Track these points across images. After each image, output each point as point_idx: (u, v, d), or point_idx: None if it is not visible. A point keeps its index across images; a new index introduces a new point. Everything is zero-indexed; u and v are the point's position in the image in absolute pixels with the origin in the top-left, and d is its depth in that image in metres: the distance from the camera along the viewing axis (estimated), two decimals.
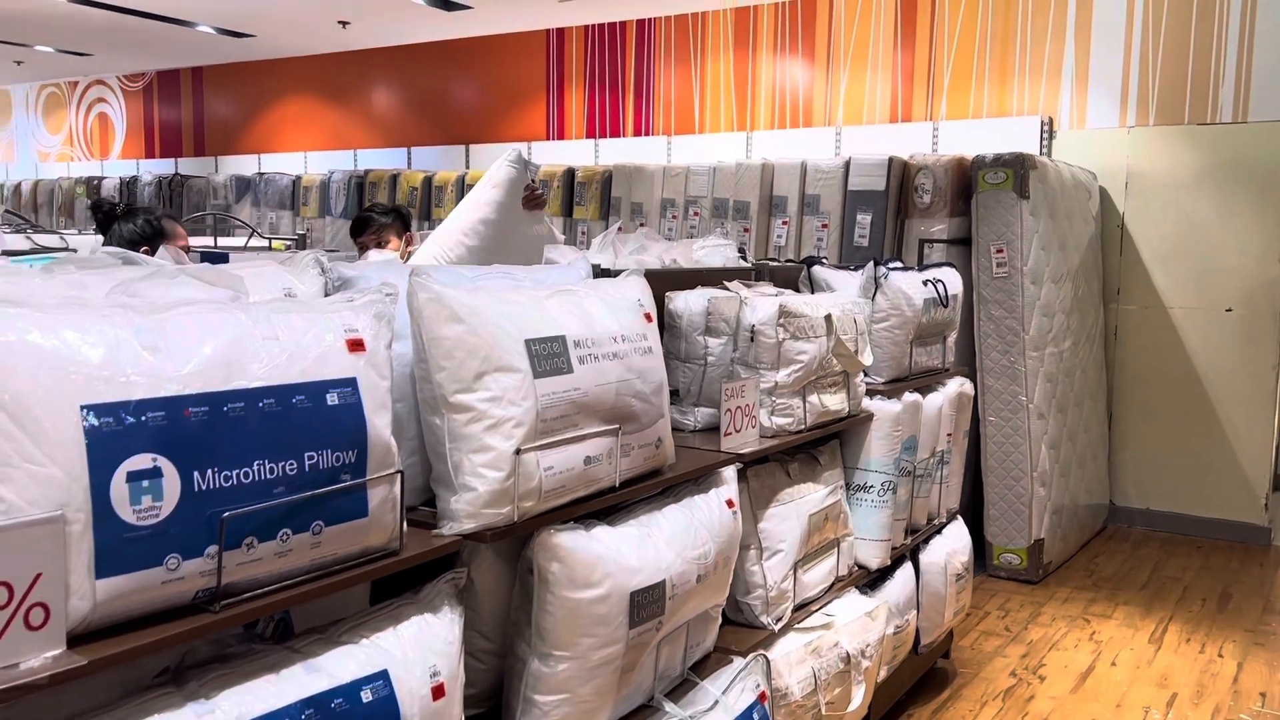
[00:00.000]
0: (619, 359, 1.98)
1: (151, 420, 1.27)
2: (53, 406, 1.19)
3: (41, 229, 4.21)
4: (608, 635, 1.91)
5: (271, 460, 1.39)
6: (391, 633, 1.60)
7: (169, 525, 1.27)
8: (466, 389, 1.73)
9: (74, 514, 1.19)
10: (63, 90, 12.02)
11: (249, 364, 1.39)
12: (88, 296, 1.35)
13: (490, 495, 1.72)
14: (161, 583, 1.27)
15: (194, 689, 1.36)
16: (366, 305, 1.60)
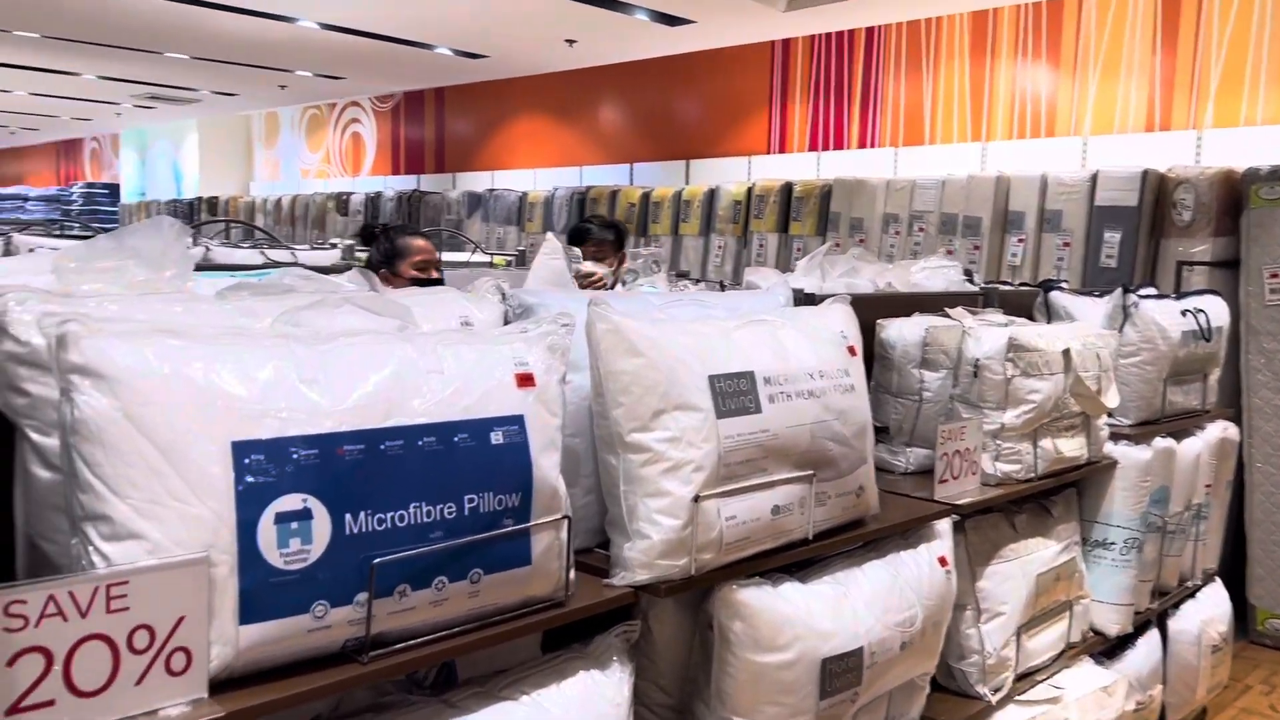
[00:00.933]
0: (816, 398, 1.79)
1: (304, 459, 1.21)
2: (204, 443, 1.15)
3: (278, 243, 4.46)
4: (795, 705, 1.73)
5: (429, 502, 1.30)
6: (555, 690, 1.48)
7: (317, 570, 1.20)
8: (644, 428, 1.59)
9: (220, 556, 1.14)
10: (322, 111, 12.96)
11: (410, 399, 1.31)
12: (254, 325, 1.31)
13: (666, 545, 1.58)
14: (308, 630, 1.20)
15: None
16: (540, 337, 1.49)
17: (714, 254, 6.63)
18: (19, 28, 8.45)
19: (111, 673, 1.08)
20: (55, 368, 1.12)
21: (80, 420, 1.11)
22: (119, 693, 1.08)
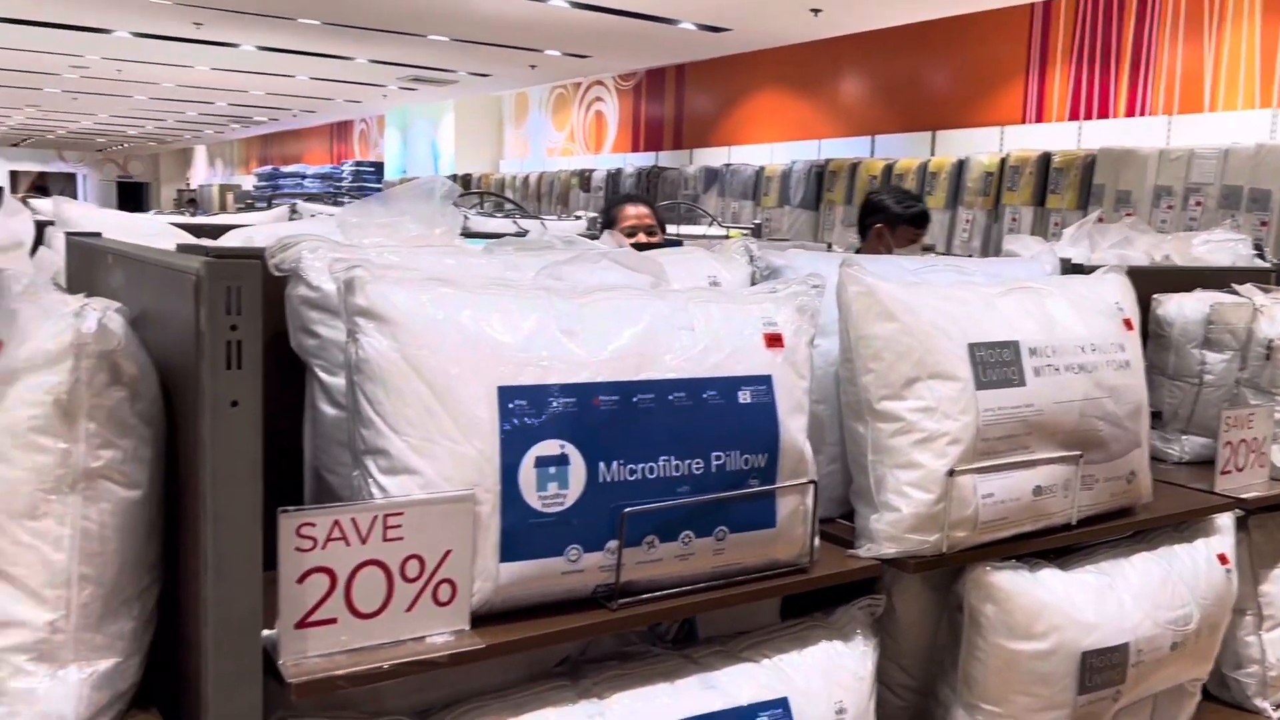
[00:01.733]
0: (1086, 373, 1.66)
1: (563, 407, 1.24)
2: (473, 386, 1.20)
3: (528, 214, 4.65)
4: (1049, 698, 1.62)
5: (678, 457, 1.30)
6: (796, 656, 1.46)
7: (572, 515, 1.23)
8: (895, 396, 1.53)
9: (484, 494, 1.19)
10: (568, 91, 13.39)
11: (662, 354, 1.32)
12: (518, 278, 1.36)
13: (915, 519, 1.52)
14: (561, 573, 1.24)
15: (588, 686, 1.32)
16: (789, 297, 1.46)
17: (961, 228, 6.34)
18: (304, 15, 9.21)
19: (386, 598, 1.15)
20: (343, 311, 1.20)
21: (364, 360, 1.18)
22: (391, 618, 1.15)
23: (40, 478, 1.00)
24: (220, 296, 0.99)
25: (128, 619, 1.07)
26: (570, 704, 1.28)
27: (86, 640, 1.04)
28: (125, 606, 1.07)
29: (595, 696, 1.30)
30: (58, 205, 2.17)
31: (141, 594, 1.09)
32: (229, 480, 1.01)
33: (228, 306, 0.99)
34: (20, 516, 1.00)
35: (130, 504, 1.05)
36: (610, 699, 1.30)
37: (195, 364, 1.01)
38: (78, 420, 1.00)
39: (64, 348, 0.99)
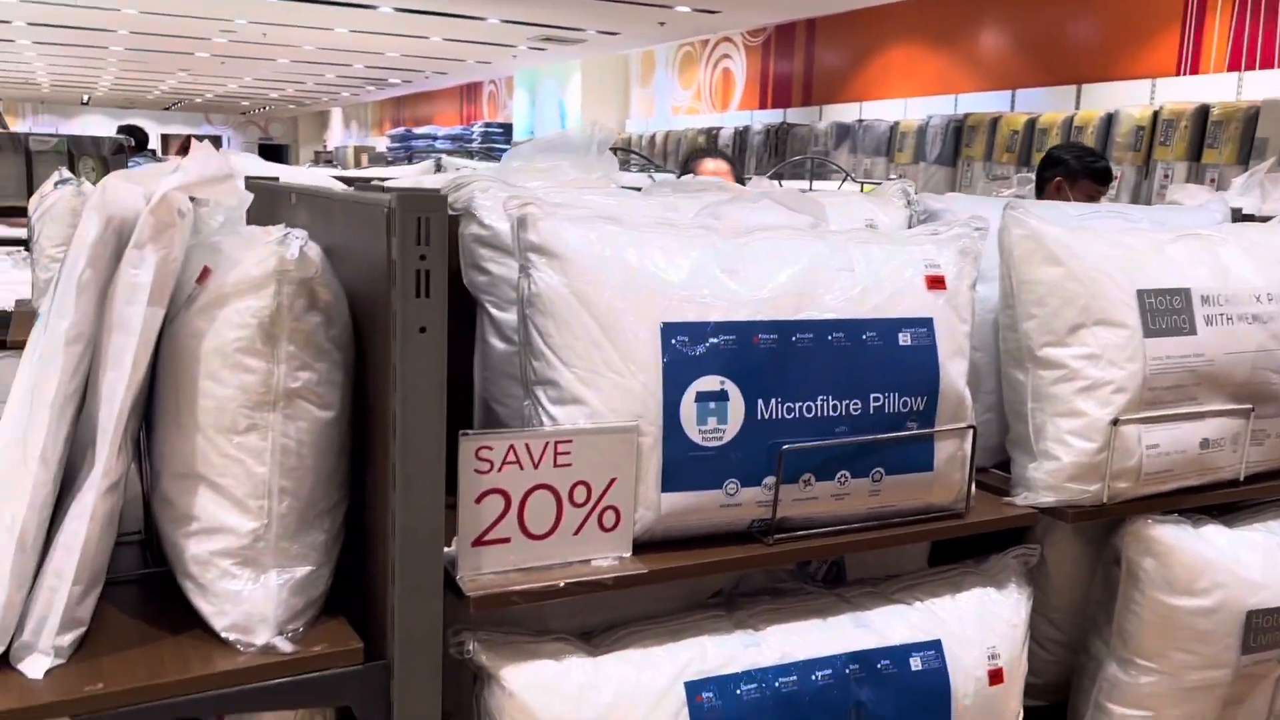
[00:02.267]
0: (1261, 323, 1.59)
1: (724, 343, 1.26)
2: (637, 321, 1.23)
3: (662, 168, 4.66)
4: (1210, 656, 1.58)
5: (835, 397, 1.31)
6: (949, 600, 1.46)
7: (730, 450, 1.26)
8: (1058, 342, 1.50)
9: (647, 426, 1.22)
10: (695, 49, 13.28)
11: (821, 294, 1.32)
12: (677, 218, 1.38)
13: (1076, 468, 1.49)
14: (720, 505, 1.26)
15: (743, 617, 1.35)
16: (951, 240, 1.44)
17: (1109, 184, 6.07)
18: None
19: (555, 521, 1.20)
20: (515, 247, 1.24)
21: (535, 294, 1.22)
22: (560, 540, 1.20)
23: (246, 395, 1.07)
24: (411, 228, 1.04)
25: (320, 531, 1.15)
26: (726, 633, 1.31)
27: (284, 549, 1.11)
28: (318, 520, 1.14)
29: (750, 628, 1.33)
30: (227, 157, 2.28)
31: (332, 509, 1.16)
32: (416, 402, 1.07)
33: (418, 237, 1.04)
34: (228, 431, 1.08)
35: (324, 424, 1.12)
36: (765, 630, 1.33)
37: (385, 292, 1.07)
38: (279, 343, 1.07)
39: (268, 273, 1.05)
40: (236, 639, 1.10)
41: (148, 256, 1.00)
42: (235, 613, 1.10)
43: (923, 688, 1.36)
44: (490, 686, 1.19)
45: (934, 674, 1.38)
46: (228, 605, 1.10)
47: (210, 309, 1.07)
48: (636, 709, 1.21)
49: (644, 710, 1.21)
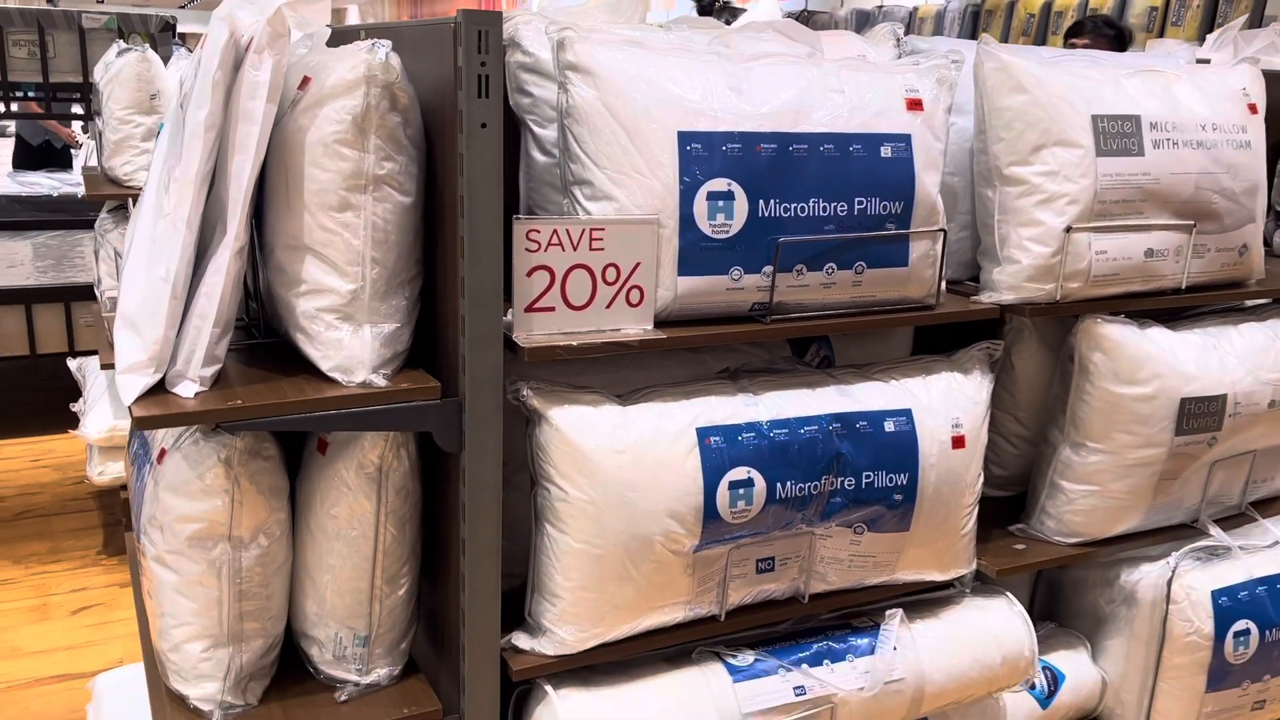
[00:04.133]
0: (1204, 149, 1.82)
1: (730, 151, 1.50)
2: (657, 130, 1.47)
3: None
4: (1148, 436, 1.85)
5: (825, 200, 1.55)
6: (920, 381, 1.72)
7: (735, 242, 1.51)
8: (1022, 161, 1.73)
9: (666, 219, 1.47)
10: None
11: (814, 111, 1.56)
12: (693, 46, 1.60)
13: (1034, 270, 1.74)
14: (725, 289, 1.52)
15: (745, 384, 1.62)
16: (930, 70, 1.67)
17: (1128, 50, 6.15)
18: None
19: (590, 295, 1.46)
20: (555, 65, 1.48)
21: (572, 106, 1.46)
22: (595, 311, 1.47)
23: (343, 179, 1.33)
24: (474, 39, 1.28)
25: (402, 297, 1.42)
26: (731, 395, 1.58)
27: (375, 308, 1.38)
28: (401, 288, 1.41)
29: (750, 392, 1.60)
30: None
31: (411, 280, 1.43)
32: (480, 184, 1.32)
33: (479, 47, 1.28)
34: (330, 209, 1.34)
35: (405, 207, 1.38)
36: (763, 395, 1.60)
37: (452, 95, 1.31)
38: (368, 136, 1.32)
39: (359, 77, 1.30)
40: (339, 377, 1.38)
41: (266, 60, 1.25)
42: (338, 356, 1.38)
43: (894, 444, 1.64)
44: (540, 424, 1.47)
45: (904, 435, 1.65)
46: (331, 351, 1.38)
47: (312, 108, 1.32)
48: (657, 445, 1.49)
49: (664, 446, 1.49)
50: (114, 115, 3.02)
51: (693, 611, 1.61)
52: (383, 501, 1.46)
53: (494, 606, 1.48)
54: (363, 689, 1.52)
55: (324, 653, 1.52)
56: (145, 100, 3.02)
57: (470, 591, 1.46)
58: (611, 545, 1.49)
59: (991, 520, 1.99)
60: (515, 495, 1.55)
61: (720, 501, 1.52)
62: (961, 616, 1.82)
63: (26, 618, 3.00)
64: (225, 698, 1.45)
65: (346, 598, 1.48)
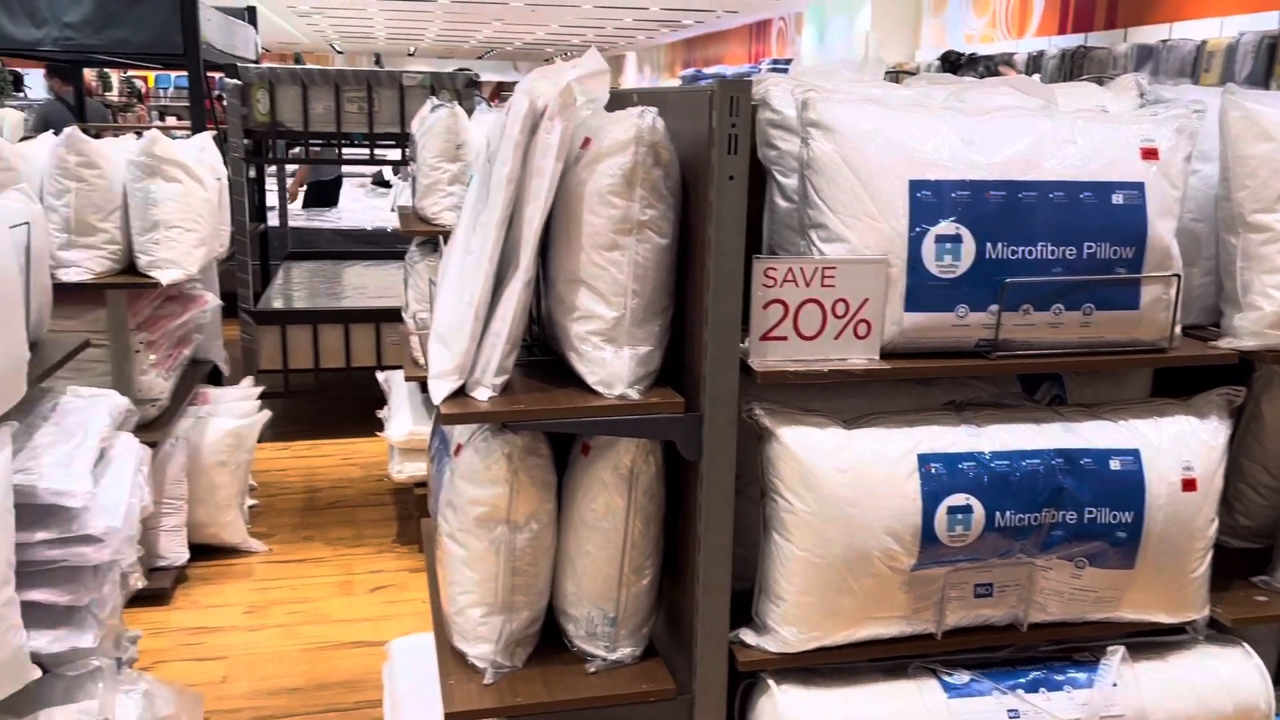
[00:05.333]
0: None
1: (959, 197, 1.62)
2: (890, 179, 1.62)
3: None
4: None
5: (1053, 244, 1.64)
6: (1151, 423, 1.75)
7: (962, 281, 1.63)
8: (1267, 209, 1.73)
9: (894, 260, 1.62)
10: None
11: (1045, 161, 1.65)
12: (929, 102, 1.74)
13: (1277, 316, 1.72)
14: (951, 325, 1.64)
15: (969, 416, 1.73)
16: (1170, 119, 1.71)
17: None
18: None
19: (820, 327, 1.63)
20: (799, 122, 1.66)
21: (812, 158, 1.64)
22: (824, 342, 1.63)
23: (613, 223, 1.57)
24: (726, 104, 1.49)
25: (656, 324, 1.65)
26: (953, 425, 1.69)
27: (633, 333, 1.62)
28: (655, 316, 1.64)
29: (974, 424, 1.70)
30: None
31: (664, 310, 1.66)
32: (726, 230, 1.53)
33: (730, 110, 1.49)
34: (601, 248, 1.59)
35: (662, 248, 1.61)
36: (986, 427, 1.70)
37: (706, 152, 1.53)
38: (635, 187, 1.56)
39: (630, 138, 1.54)
40: (602, 390, 1.62)
41: (556, 125, 1.52)
42: (602, 372, 1.62)
43: (1119, 482, 1.68)
44: (771, 441, 1.65)
45: (1131, 474, 1.69)
46: (596, 367, 1.62)
47: (591, 164, 1.58)
48: (878, 467, 1.63)
49: (884, 468, 1.63)
50: (426, 163, 3.50)
51: (910, 627, 1.72)
52: (632, 499, 1.68)
53: (724, 602, 1.66)
54: (609, 664, 1.75)
55: (578, 629, 1.76)
56: (452, 150, 3.48)
57: (704, 586, 1.65)
58: (832, 556, 1.64)
59: (1235, 571, 1.96)
60: (746, 504, 1.73)
61: (938, 525, 1.63)
62: (1191, 662, 1.81)
63: (334, 591, 3.50)
64: (497, 658, 1.72)
65: (599, 581, 1.72)
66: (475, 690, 1.68)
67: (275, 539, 3.86)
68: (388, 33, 22.47)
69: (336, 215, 7.71)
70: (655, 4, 16.37)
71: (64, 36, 4.24)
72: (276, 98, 4.64)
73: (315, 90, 4.67)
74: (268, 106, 4.63)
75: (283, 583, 3.54)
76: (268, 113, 4.67)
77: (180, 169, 3.09)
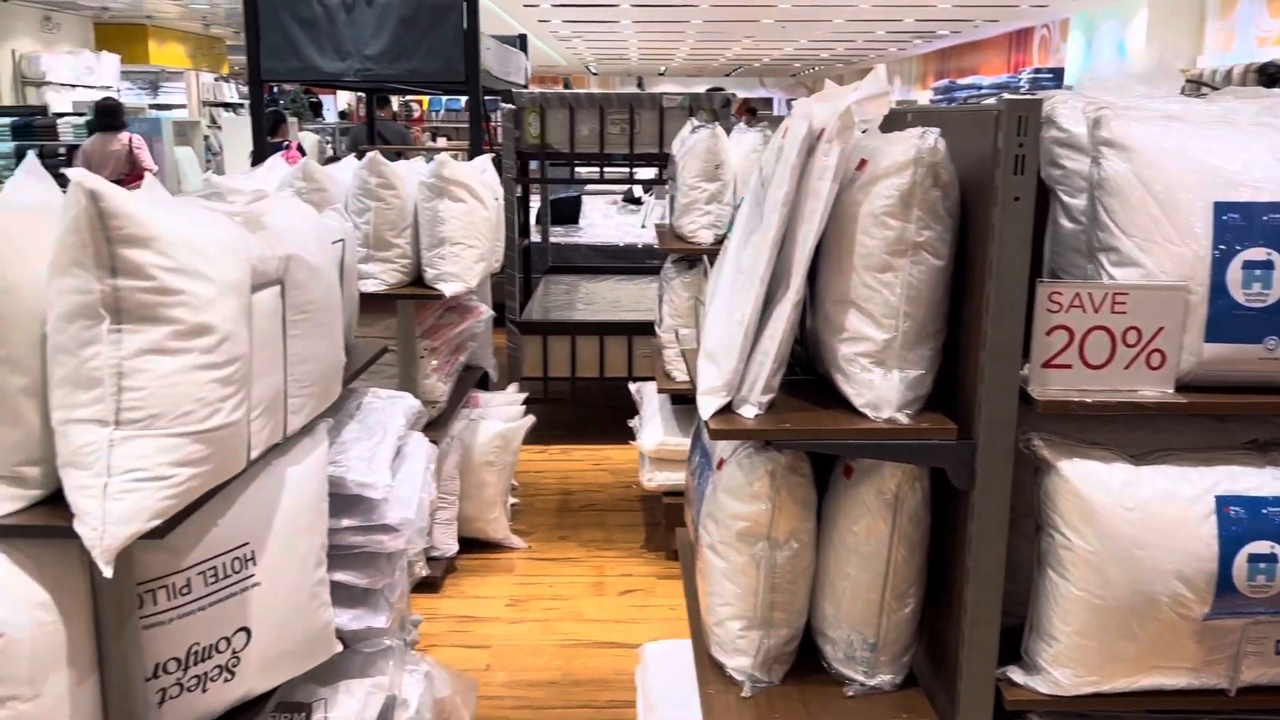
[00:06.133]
0: None
1: (1271, 221, 1.50)
2: (1191, 200, 1.52)
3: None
4: None
5: None
6: None
7: (1273, 311, 1.50)
8: None
9: (1195, 287, 1.51)
10: None
11: None
12: (1236, 118, 1.62)
13: None
14: (1258, 358, 1.51)
15: (1276, 458, 1.58)
16: None
17: None
18: None
19: (1109, 356, 1.54)
20: (1089, 142, 1.59)
21: (1104, 178, 1.56)
22: (1112, 372, 1.55)
23: (887, 245, 1.57)
24: (1014, 124, 1.45)
25: (927, 349, 1.62)
26: (1258, 467, 1.56)
27: (904, 355, 1.60)
28: (926, 340, 1.62)
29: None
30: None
31: (937, 333, 1.63)
32: (1009, 252, 1.49)
33: (1018, 130, 1.45)
34: (873, 270, 1.58)
35: (937, 270, 1.59)
36: None
37: (989, 172, 1.49)
38: (912, 209, 1.55)
39: (909, 159, 1.53)
40: (869, 412, 1.61)
41: (834, 148, 1.54)
42: (869, 395, 1.61)
43: None
44: (1049, 474, 1.58)
45: None
46: (864, 389, 1.62)
47: (866, 186, 1.58)
48: (1170, 507, 1.52)
49: (1176, 509, 1.52)
50: (685, 182, 3.59)
51: (1198, 680, 1.60)
52: (897, 525, 1.66)
53: (993, 636, 1.61)
54: (867, 689, 1.73)
55: (836, 651, 1.76)
56: (711, 169, 3.55)
57: (972, 619, 1.60)
58: (1114, 598, 1.54)
59: None
60: (1017, 538, 1.67)
61: (1237, 573, 1.51)
62: None
63: (587, 591, 3.65)
64: (755, 672, 1.74)
65: (859, 605, 1.70)
66: (734, 702, 1.71)
67: (534, 537, 4.07)
68: (640, 54, 23.19)
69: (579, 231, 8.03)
70: (909, 15, 15.99)
71: (364, 68, 4.68)
72: (546, 121, 4.91)
73: (581, 113, 4.90)
74: (538, 129, 4.91)
75: (541, 579, 3.73)
76: (538, 135, 4.94)
77: (465, 189, 3.33)
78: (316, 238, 1.85)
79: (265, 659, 1.68)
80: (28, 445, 1.38)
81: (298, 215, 1.85)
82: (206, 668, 1.58)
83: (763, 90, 31.58)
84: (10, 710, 1.31)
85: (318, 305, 1.79)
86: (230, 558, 1.59)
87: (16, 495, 1.38)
